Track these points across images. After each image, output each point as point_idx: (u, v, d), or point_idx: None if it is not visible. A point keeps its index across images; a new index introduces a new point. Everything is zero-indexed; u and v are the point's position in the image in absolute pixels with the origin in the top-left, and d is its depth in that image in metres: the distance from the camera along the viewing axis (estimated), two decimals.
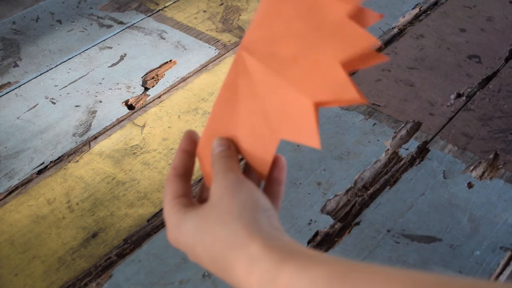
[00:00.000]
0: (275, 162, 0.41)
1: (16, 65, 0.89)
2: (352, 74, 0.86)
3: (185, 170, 0.42)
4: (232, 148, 0.41)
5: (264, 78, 0.39)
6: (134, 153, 0.74)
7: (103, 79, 0.86)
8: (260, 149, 0.40)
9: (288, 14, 0.38)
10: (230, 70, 0.43)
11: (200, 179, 0.71)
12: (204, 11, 1.01)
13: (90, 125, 0.78)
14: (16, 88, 0.85)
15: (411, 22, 0.98)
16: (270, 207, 0.37)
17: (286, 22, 0.38)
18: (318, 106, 0.36)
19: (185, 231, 0.39)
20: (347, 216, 0.66)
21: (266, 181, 0.41)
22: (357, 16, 0.37)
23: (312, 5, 0.37)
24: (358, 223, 0.66)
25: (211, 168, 0.40)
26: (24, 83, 0.85)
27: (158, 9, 1.01)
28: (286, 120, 0.38)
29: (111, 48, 0.92)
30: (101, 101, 0.82)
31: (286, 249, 0.34)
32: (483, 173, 0.71)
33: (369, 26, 0.39)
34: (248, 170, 0.42)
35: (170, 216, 0.40)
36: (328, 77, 0.35)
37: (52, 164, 0.73)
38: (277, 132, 0.38)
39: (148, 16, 0.99)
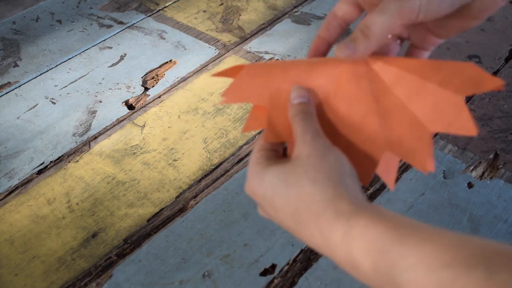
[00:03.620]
0: None
1: (16, 65, 0.89)
2: None
3: None
4: (311, 102, 0.41)
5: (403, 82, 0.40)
6: (134, 153, 0.74)
7: (103, 79, 0.86)
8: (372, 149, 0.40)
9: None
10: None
11: (200, 179, 0.71)
12: (204, 11, 1.01)
13: (90, 125, 0.78)
14: (16, 88, 0.85)
15: None
16: (354, 173, 0.38)
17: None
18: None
19: (266, 182, 0.39)
20: None
21: (365, 181, 0.41)
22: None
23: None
24: None
25: (290, 120, 0.40)
26: (24, 83, 0.85)
27: (158, 9, 1.01)
28: (440, 113, 0.39)
29: (111, 48, 0.92)
30: (101, 101, 0.82)
31: (372, 209, 0.35)
32: (483, 173, 0.71)
33: None
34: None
35: (253, 165, 0.41)
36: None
37: (52, 164, 0.73)
38: (429, 125, 0.39)
39: (148, 16, 0.99)
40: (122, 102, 0.82)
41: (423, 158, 0.38)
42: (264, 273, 0.61)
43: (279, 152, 0.42)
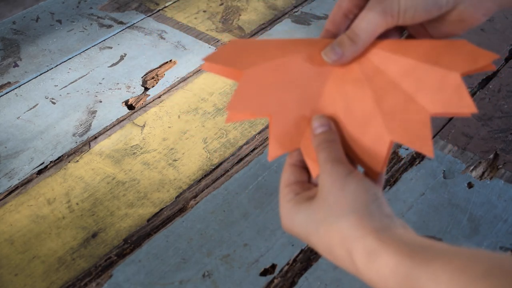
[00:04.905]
0: None
1: (16, 65, 0.89)
2: None
3: (299, 158, 0.43)
4: (334, 129, 0.41)
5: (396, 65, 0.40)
6: (134, 153, 0.74)
7: (103, 79, 0.86)
8: (372, 144, 0.39)
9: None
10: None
11: (200, 179, 0.71)
12: (204, 11, 1.01)
13: (90, 125, 0.78)
14: (16, 88, 0.85)
15: None
16: (380, 194, 0.38)
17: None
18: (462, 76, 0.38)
19: (297, 221, 0.40)
20: None
21: (375, 176, 0.40)
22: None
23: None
24: None
25: (314, 150, 0.40)
26: (24, 83, 0.85)
27: (158, 9, 1.01)
28: (438, 93, 0.38)
29: (111, 48, 0.92)
30: (101, 101, 0.82)
31: (401, 240, 0.35)
32: (483, 173, 0.71)
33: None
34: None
35: (283, 205, 0.41)
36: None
37: (52, 164, 0.73)
38: (427, 106, 0.38)
39: (148, 16, 0.99)
40: (122, 102, 0.82)
41: (427, 143, 0.38)
42: (264, 273, 0.61)
43: (304, 182, 0.42)
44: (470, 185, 0.70)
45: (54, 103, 0.82)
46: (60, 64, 0.89)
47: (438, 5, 0.40)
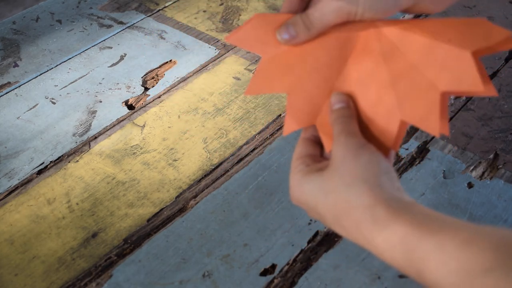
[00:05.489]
0: None
1: (16, 65, 0.89)
2: None
3: (313, 133, 0.44)
4: (351, 106, 0.42)
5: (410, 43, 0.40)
6: (134, 153, 0.74)
7: (103, 79, 0.86)
8: (385, 120, 0.40)
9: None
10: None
11: (200, 179, 0.71)
12: (204, 11, 1.01)
13: (90, 125, 0.78)
14: (16, 88, 0.85)
15: None
16: (391, 169, 0.39)
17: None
18: (476, 55, 0.37)
19: (307, 191, 0.40)
20: None
21: (386, 155, 0.41)
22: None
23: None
24: None
25: (331, 125, 0.41)
26: (24, 83, 0.85)
27: (158, 9, 1.01)
28: (449, 71, 0.38)
29: (111, 48, 0.92)
30: (101, 101, 0.82)
31: (410, 211, 0.35)
32: (483, 173, 0.71)
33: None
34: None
35: (293, 175, 0.42)
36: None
37: (52, 164, 0.73)
38: (438, 84, 0.38)
39: (148, 16, 0.99)
40: (122, 102, 0.82)
41: (434, 121, 0.38)
42: (264, 273, 0.61)
43: (316, 156, 0.43)
44: (470, 185, 0.70)
45: (54, 103, 0.82)
46: (60, 64, 0.89)
47: (398, 5, 0.41)
